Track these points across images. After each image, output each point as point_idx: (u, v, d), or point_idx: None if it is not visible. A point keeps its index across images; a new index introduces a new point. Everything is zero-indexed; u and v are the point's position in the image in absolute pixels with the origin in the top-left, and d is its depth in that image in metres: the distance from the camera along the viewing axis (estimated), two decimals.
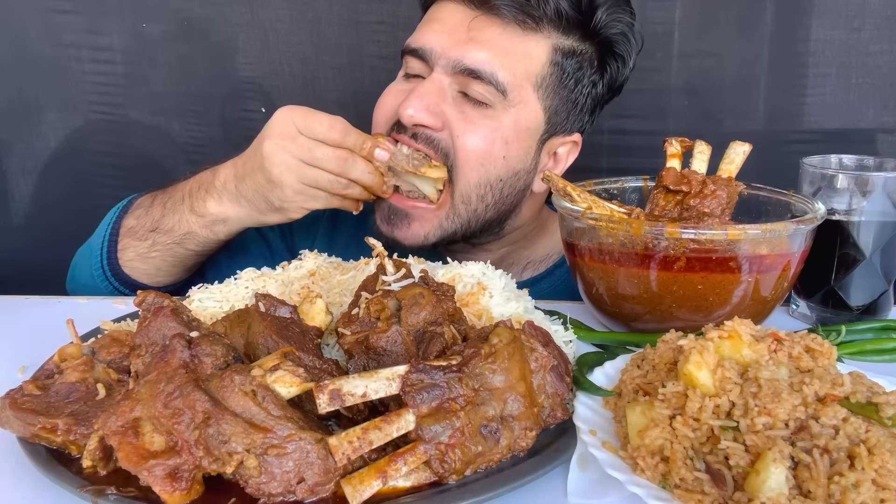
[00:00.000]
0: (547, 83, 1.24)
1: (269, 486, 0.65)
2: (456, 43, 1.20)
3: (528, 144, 1.27)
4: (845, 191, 1.07)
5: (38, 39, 1.89)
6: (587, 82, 1.28)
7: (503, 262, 1.42)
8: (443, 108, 1.21)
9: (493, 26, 1.20)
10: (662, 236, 0.97)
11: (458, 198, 1.24)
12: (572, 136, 1.32)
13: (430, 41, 1.22)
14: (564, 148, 1.33)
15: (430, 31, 1.24)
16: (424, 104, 1.19)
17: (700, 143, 1.12)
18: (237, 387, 0.67)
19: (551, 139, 1.30)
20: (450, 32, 1.21)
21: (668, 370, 0.76)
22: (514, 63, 1.21)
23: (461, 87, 1.21)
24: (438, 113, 1.20)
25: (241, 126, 1.92)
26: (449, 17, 1.23)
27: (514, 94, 1.21)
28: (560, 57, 1.24)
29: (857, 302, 1.11)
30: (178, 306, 0.81)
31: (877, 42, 1.65)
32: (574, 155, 1.35)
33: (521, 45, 1.21)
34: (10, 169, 1.99)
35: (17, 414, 0.75)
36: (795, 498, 0.61)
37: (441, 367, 0.70)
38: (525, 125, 1.24)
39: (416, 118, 1.19)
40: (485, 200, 1.26)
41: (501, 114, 1.22)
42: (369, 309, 0.82)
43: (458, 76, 1.20)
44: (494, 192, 1.26)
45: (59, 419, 0.74)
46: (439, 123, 1.20)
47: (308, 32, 1.84)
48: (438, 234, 1.27)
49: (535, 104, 1.25)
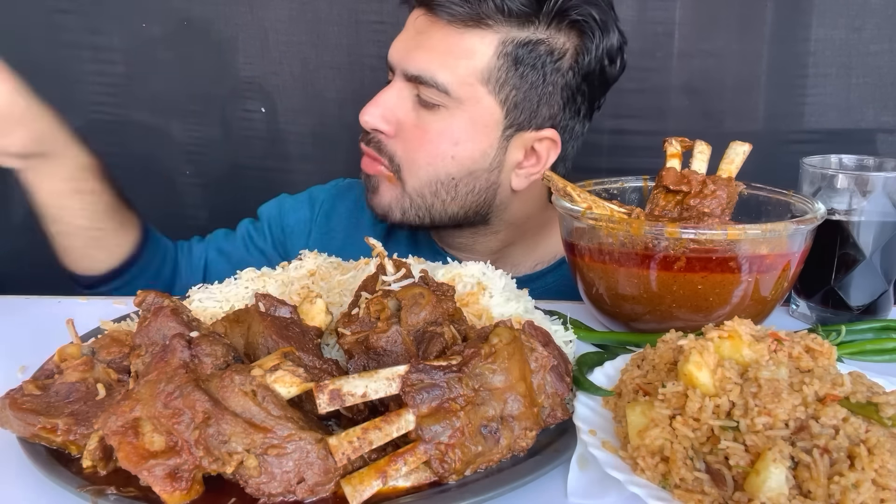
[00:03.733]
0: (497, 76, 1.24)
1: (269, 486, 0.65)
2: (406, 51, 1.27)
3: (486, 142, 1.28)
4: (845, 191, 1.07)
5: (38, 39, 1.89)
6: (549, 71, 1.26)
7: (507, 259, 1.44)
8: (399, 114, 1.28)
9: (434, 27, 1.24)
10: (662, 236, 0.97)
11: (410, 191, 1.30)
12: (546, 132, 1.30)
13: (391, 52, 1.30)
14: (541, 144, 1.31)
15: (395, 41, 1.31)
16: (379, 111, 1.28)
17: (700, 143, 1.12)
18: (237, 387, 0.67)
19: (520, 134, 1.29)
20: (405, 41, 1.28)
21: (668, 370, 0.76)
22: (455, 62, 1.23)
23: (417, 91, 1.26)
24: (393, 120, 1.28)
25: (241, 126, 1.93)
26: (410, 25, 1.30)
27: (461, 92, 1.24)
28: (512, 48, 1.23)
29: (857, 302, 1.11)
30: (178, 306, 0.81)
31: (877, 42, 1.65)
32: (555, 152, 1.32)
33: (462, 42, 1.23)
34: (10, 169, 1.99)
35: (16, 414, 0.75)
36: (795, 498, 0.61)
37: (441, 367, 0.70)
38: (481, 122, 1.26)
39: (371, 124, 1.28)
40: (440, 196, 1.31)
41: (453, 114, 1.25)
42: (369, 309, 0.82)
43: (412, 82, 1.26)
44: (449, 189, 1.30)
45: (59, 419, 0.74)
46: (392, 130, 1.28)
47: (308, 32, 1.84)
48: (400, 211, 1.33)
49: (489, 99, 1.25)
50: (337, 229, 1.51)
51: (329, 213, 1.54)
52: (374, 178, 1.33)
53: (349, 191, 1.56)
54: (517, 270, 1.44)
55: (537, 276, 1.42)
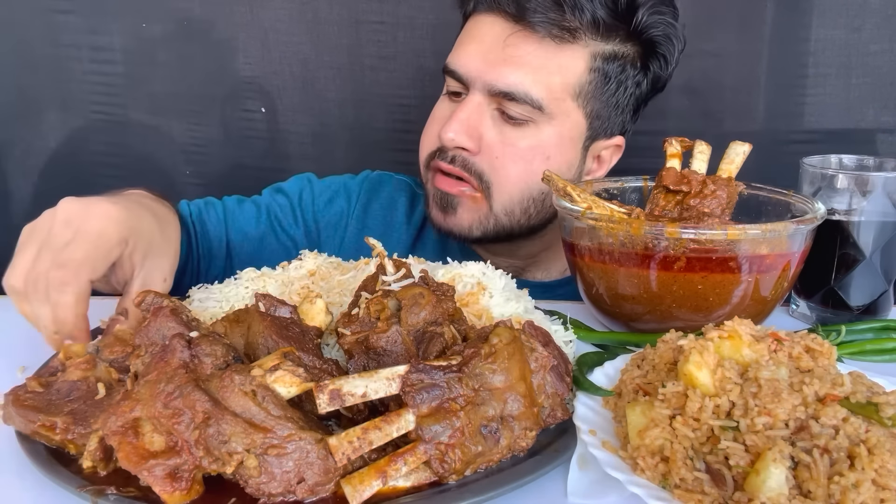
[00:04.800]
0: (587, 91, 1.24)
1: (269, 486, 0.65)
2: (490, 64, 1.21)
3: (572, 154, 1.28)
4: (845, 191, 1.07)
5: (38, 39, 1.89)
6: (630, 84, 1.28)
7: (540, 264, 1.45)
8: (481, 130, 1.24)
9: (528, 42, 1.20)
10: (662, 236, 0.97)
11: (499, 210, 1.27)
12: (615, 139, 1.33)
13: (466, 64, 1.24)
14: (608, 151, 1.34)
15: (466, 53, 1.25)
16: (463, 128, 1.23)
17: (700, 143, 1.12)
18: (237, 387, 0.67)
19: (595, 143, 1.31)
20: (485, 53, 1.23)
21: (668, 370, 0.76)
22: (549, 77, 1.21)
23: (499, 106, 1.23)
24: (476, 136, 1.24)
25: (241, 126, 1.92)
26: (486, 35, 1.24)
27: (553, 107, 1.22)
28: (601, 63, 1.23)
29: (857, 302, 1.11)
30: (177, 306, 0.81)
31: (877, 42, 1.65)
32: (617, 156, 1.36)
33: (557, 57, 1.21)
34: (10, 169, 1.99)
35: (18, 410, 0.75)
36: (795, 498, 0.61)
37: (441, 367, 0.70)
38: (568, 136, 1.26)
39: (457, 141, 1.23)
40: (528, 212, 1.29)
41: (542, 129, 1.23)
42: (369, 309, 0.82)
43: (495, 97, 1.22)
44: (537, 205, 1.29)
45: (57, 417, 0.74)
46: (476, 147, 1.24)
47: (308, 32, 1.84)
48: (481, 230, 1.30)
49: (577, 113, 1.25)
50: (372, 226, 1.47)
51: (366, 208, 1.49)
52: (455, 198, 1.29)
53: (381, 186, 1.51)
54: (548, 274, 1.46)
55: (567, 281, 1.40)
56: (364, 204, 1.49)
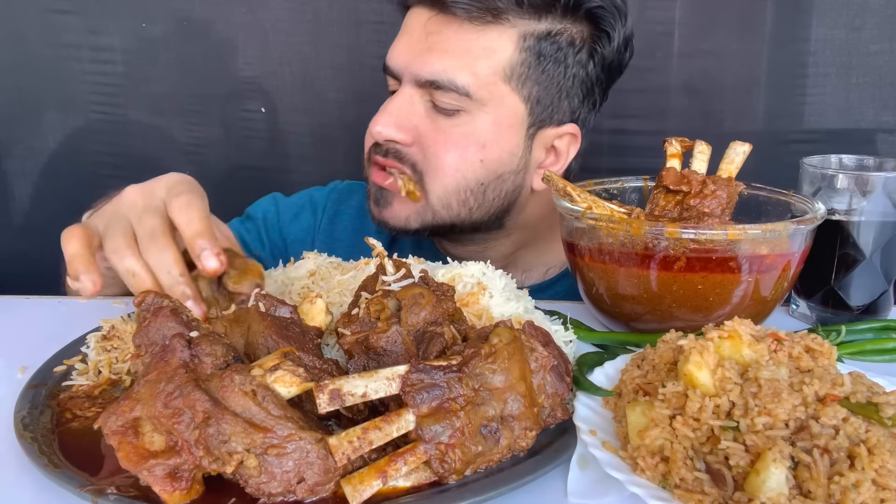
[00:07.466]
0: (519, 72, 1.20)
1: (269, 485, 0.65)
2: (415, 55, 1.20)
3: (513, 142, 1.24)
4: (845, 191, 1.07)
5: (38, 39, 1.89)
6: (572, 63, 1.23)
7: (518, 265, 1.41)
8: (414, 122, 1.21)
9: (449, 27, 1.18)
10: (662, 236, 0.97)
11: (435, 202, 1.24)
12: (566, 127, 1.27)
13: (395, 57, 1.23)
14: (562, 141, 1.29)
15: (396, 47, 1.24)
16: (392, 120, 1.20)
17: (700, 143, 1.12)
18: (237, 387, 0.67)
19: (542, 131, 1.26)
20: (411, 44, 1.21)
21: (668, 370, 0.76)
22: (474, 62, 1.17)
23: (431, 97, 1.21)
24: (409, 128, 1.21)
25: (241, 126, 1.93)
26: (414, 27, 1.22)
27: (483, 92, 1.19)
28: (532, 42, 1.19)
29: (857, 302, 1.11)
30: (177, 306, 0.81)
31: (877, 42, 1.65)
32: (575, 147, 1.30)
33: (480, 40, 1.17)
34: (10, 169, 2.00)
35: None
36: (795, 498, 0.61)
37: (441, 367, 0.70)
38: (506, 122, 1.22)
39: (385, 133, 1.21)
40: (467, 204, 1.25)
41: (475, 116, 1.20)
42: (369, 309, 0.82)
43: (425, 88, 1.20)
44: (477, 196, 1.25)
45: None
46: (409, 138, 1.21)
47: (308, 32, 1.84)
48: (419, 221, 1.27)
49: (512, 97, 1.21)
50: (341, 238, 1.45)
51: (333, 220, 1.47)
52: (388, 191, 1.26)
53: (350, 195, 1.50)
54: (529, 276, 1.42)
55: (548, 285, 1.39)
56: (331, 216, 1.47)
